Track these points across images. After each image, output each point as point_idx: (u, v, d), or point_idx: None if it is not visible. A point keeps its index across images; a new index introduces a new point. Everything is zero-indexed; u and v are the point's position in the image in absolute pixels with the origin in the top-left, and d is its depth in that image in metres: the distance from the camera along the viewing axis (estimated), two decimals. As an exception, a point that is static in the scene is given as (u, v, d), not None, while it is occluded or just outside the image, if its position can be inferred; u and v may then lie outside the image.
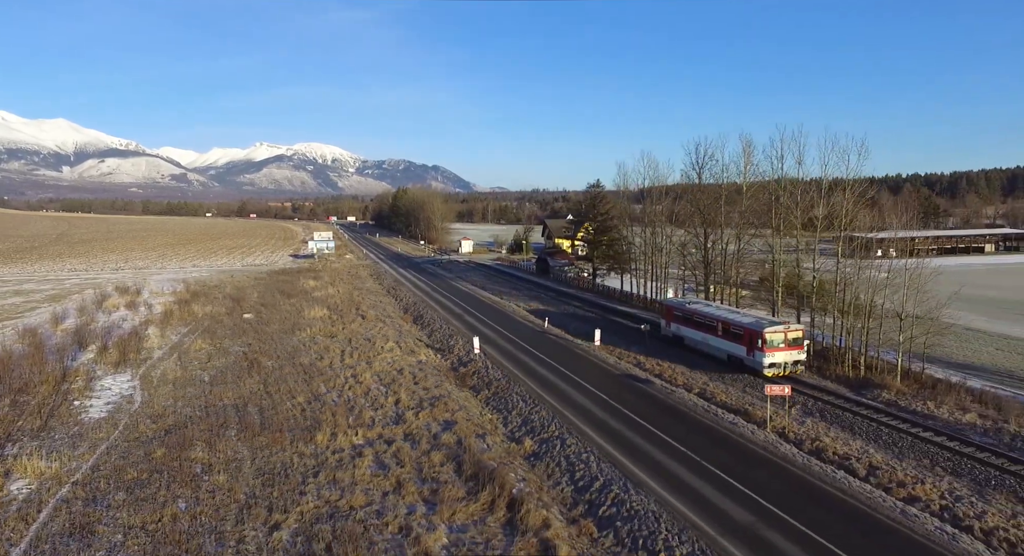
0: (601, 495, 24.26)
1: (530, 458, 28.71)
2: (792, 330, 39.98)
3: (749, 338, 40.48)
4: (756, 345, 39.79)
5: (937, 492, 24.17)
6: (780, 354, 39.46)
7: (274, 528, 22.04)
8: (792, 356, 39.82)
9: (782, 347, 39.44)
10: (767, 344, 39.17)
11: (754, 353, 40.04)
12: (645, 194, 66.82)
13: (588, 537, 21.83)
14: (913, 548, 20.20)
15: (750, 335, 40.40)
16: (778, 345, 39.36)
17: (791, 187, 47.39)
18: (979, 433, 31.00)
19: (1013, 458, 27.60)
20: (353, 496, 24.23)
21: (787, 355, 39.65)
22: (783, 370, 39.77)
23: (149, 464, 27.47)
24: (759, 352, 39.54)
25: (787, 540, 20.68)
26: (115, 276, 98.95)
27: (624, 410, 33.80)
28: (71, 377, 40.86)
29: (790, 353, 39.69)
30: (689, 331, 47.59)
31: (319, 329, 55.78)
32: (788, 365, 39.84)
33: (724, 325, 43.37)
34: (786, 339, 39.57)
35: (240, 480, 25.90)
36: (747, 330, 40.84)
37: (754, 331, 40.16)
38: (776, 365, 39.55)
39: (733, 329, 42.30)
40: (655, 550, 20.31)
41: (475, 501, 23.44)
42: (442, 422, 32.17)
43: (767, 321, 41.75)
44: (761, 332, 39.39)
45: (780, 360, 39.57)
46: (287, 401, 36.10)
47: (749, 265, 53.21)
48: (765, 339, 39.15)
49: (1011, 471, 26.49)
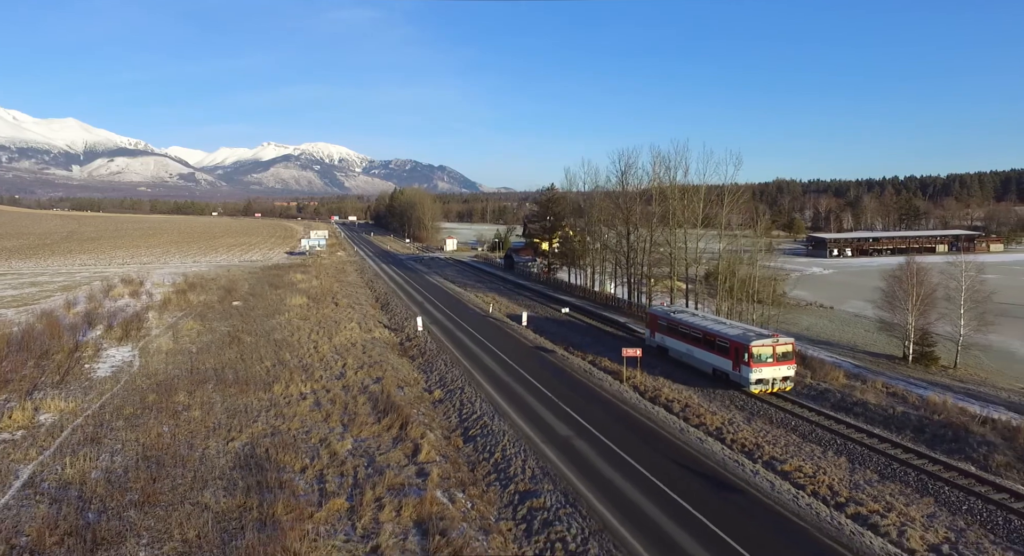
0: (474, 423, 32.83)
1: (436, 403, 37.31)
2: (781, 344, 37.45)
3: (735, 351, 38.05)
4: (742, 359, 37.37)
5: (720, 420, 32.65)
6: (768, 369, 36.94)
7: (230, 441, 30.64)
8: (780, 371, 37.23)
9: (770, 362, 36.95)
10: (754, 358, 36.75)
11: (740, 367, 37.64)
12: (585, 198, 75.39)
13: (455, 446, 30.43)
14: (669, 447, 28.67)
15: (736, 348, 38.00)
16: (766, 359, 36.91)
17: (680, 192, 55.65)
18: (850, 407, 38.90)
19: (796, 401, 35.98)
20: (291, 422, 32.84)
21: (775, 370, 37.06)
22: (771, 386, 37.20)
23: (143, 405, 36.09)
24: (745, 367, 37.11)
25: (588, 445, 29.23)
26: (121, 270, 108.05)
27: (521, 371, 42.45)
28: (82, 348, 49.58)
29: (778, 368, 37.10)
30: (673, 342, 45.06)
31: (296, 314, 64.46)
32: (776, 381, 37.24)
33: (709, 337, 40.87)
34: (774, 353, 37.07)
35: (210, 415, 34.47)
36: (733, 343, 38.39)
37: (740, 344, 37.66)
38: (763, 381, 37.04)
39: (719, 341, 39.80)
40: (494, 452, 28.86)
41: (378, 424, 32.08)
42: (374, 378, 40.79)
43: (754, 334, 39.05)
44: (747, 346, 36.95)
45: (768, 376, 37.01)
46: (257, 365, 44.70)
47: (657, 259, 61.48)
48: (752, 353, 36.76)
49: (784, 409, 34.97)
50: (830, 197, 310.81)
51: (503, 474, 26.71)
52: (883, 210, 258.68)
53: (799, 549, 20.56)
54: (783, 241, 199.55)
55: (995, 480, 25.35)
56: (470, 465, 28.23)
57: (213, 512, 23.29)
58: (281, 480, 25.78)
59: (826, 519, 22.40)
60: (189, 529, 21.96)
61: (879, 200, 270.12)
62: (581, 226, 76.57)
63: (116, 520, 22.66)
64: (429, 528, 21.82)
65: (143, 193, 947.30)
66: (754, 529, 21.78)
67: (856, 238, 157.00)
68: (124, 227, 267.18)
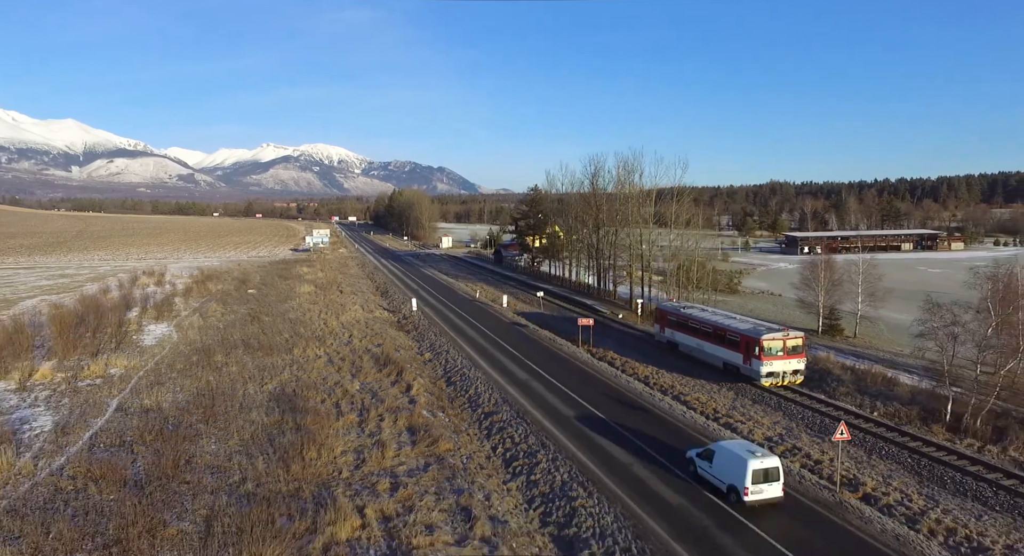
0: (455, 373, 41.72)
1: (425, 362, 46.13)
2: (791, 337, 38.06)
3: (746, 345, 38.48)
4: (753, 353, 37.67)
5: (648, 371, 41.64)
6: (778, 362, 37.36)
7: (264, 385, 39.43)
8: (791, 365, 37.64)
9: (780, 355, 37.34)
10: (765, 352, 37.09)
11: (751, 361, 37.93)
12: (562, 198, 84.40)
13: (439, 387, 39.33)
14: (603, 386, 37.55)
15: (747, 342, 38.41)
16: (776, 353, 37.29)
17: (635, 194, 64.56)
18: None
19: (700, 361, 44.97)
20: (311, 373, 41.65)
21: (785, 364, 37.47)
22: (781, 379, 37.55)
23: (188, 363, 44.86)
24: (756, 360, 37.41)
25: (540, 385, 38.15)
26: (140, 264, 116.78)
27: (497, 339, 51.39)
28: (126, 324, 58.32)
29: (788, 362, 37.55)
30: (683, 337, 45.65)
31: (306, 299, 73.25)
32: (787, 374, 37.64)
33: (720, 331, 41.38)
34: (785, 347, 37.53)
35: (245, 370, 43.21)
36: (744, 337, 38.83)
37: (751, 338, 38.10)
38: (774, 374, 37.38)
39: (729, 336, 40.29)
40: (468, 390, 37.74)
41: (379, 373, 40.95)
42: (376, 344, 49.65)
43: (764, 328, 39.59)
44: (759, 339, 37.37)
45: (778, 369, 37.39)
46: (277, 336, 53.45)
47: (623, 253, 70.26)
48: (763, 347, 37.13)
49: (696, 360, 43.91)
50: (816, 199, 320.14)
51: (473, 402, 35.61)
52: (866, 211, 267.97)
53: (675, 435, 29.37)
54: (764, 240, 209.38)
55: (829, 400, 34.83)
56: (449, 398, 37.16)
57: (259, 424, 32.07)
58: (307, 406, 34.55)
59: (701, 424, 31.38)
60: (244, 433, 30.77)
61: (862, 202, 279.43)
62: (559, 224, 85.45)
63: (190, 428, 31.41)
64: (416, 430, 30.67)
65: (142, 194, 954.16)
66: (650, 427, 30.65)
67: (827, 237, 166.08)
68: (130, 227, 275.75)
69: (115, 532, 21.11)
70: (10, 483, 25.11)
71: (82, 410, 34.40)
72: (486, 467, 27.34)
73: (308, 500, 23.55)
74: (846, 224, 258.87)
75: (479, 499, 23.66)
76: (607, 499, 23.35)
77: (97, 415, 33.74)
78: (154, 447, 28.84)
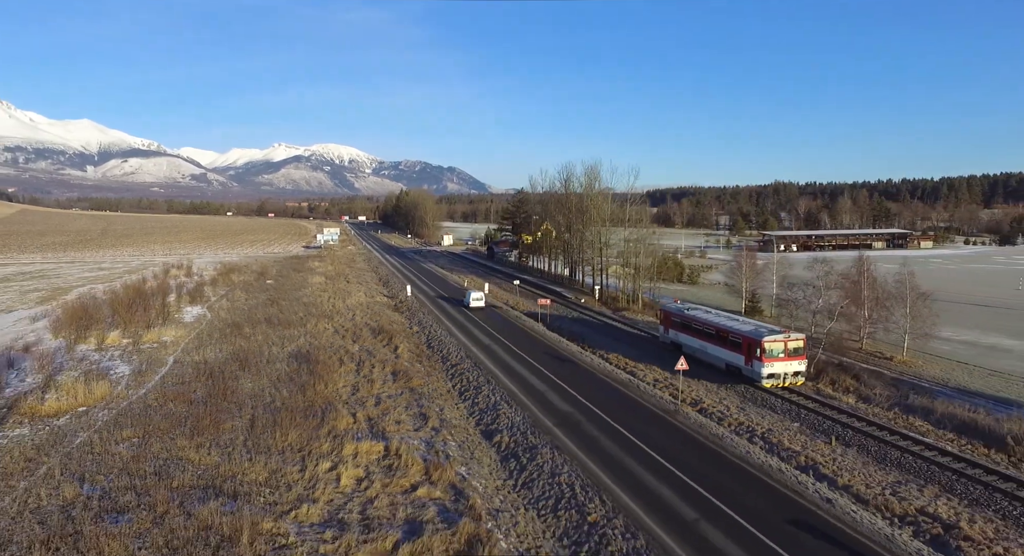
0: (435, 340, 52.78)
1: (413, 333, 57.20)
2: (792, 339, 38.73)
3: (748, 347, 39.16)
4: (754, 354, 38.31)
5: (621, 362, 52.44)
6: (779, 364, 37.97)
7: (284, 347, 50.57)
8: (792, 367, 38.31)
9: (782, 357, 37.98)
10: (766, 354, 37.76)
11: (752, 363, 38.62)
12: (542, 200, 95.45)
13: (420, 349, 50.36)
14: (542, 345, 48.45)
15: (748, 344, 39.09)
16: (777, 355, 37.93)
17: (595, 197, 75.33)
18: (650, 326, 58.97)
19: (650, 336, 55.61)
20: (321, 340, 52.76)
21: (786, 365, 38.16)
22: (782, 381, 38.26)
23: (223, 334, 56.05)
24: (757, 362, 38.10)
25: (498, 346, 49.10)
26: (167, 259, 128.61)
27: (473, 316, 62.48)
28: (168, 306, 69.64)
29: (790, 363, 38.14)
30: (687, 338, 46.68)
31: (317, 288, 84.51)
32: (788, 375, 38.30)
33: (722, 333, 42.20)
34: (786, 349, 38.17)
35: (268, 338, 54.32)
36: (745, 339, 39.54)
37: (752, 340, 38.79)
38: (775, 375, 38.09)
39: (731, 337, 41.09)
40: (443, 351, 48.76)
41: (375, 339, 52.08)
42: (374, 320, 60.77)
43: (766, 330, 40.36)
44: (760, 341, 38.04)
45: (779, 371, 38.06)
46: (293, 315, 64.60)
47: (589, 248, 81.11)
48: (764, 348, 37.78)
49: (649, 338, 54.62)
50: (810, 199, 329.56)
51: (445, 358, 46.70)
52: (858, 211, 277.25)
53: (589, 378, 40.17)
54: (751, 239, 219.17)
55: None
56: (427, 356, 48.23)
57: (282, 370, 43.17)
58: (317, 359, 45.57)
59: (613, 370, 42.33)
60: (271, 375, 41.86)
61: (854, 202, 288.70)
62: (540, 223, 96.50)
63: (231, 374, 42.48)
64: (398, 373, 41.69)
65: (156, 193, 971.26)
66: (563, 367, 41.55)
67: (802, 235, 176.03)
68: (149, 225, 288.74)
69: (192, 424, 32.16)
70: (114, 402, 36.32)
71: (149, 362, 45.65)
72: (444, 395, 38.41)
73: (318, 410, 34.54)
74: (838, 224, 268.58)
75: (435, 410, 34.66)
76: (517, 405, 34.41)
77: (160, 366, 44.96)
78: (207, 383, 39.93)
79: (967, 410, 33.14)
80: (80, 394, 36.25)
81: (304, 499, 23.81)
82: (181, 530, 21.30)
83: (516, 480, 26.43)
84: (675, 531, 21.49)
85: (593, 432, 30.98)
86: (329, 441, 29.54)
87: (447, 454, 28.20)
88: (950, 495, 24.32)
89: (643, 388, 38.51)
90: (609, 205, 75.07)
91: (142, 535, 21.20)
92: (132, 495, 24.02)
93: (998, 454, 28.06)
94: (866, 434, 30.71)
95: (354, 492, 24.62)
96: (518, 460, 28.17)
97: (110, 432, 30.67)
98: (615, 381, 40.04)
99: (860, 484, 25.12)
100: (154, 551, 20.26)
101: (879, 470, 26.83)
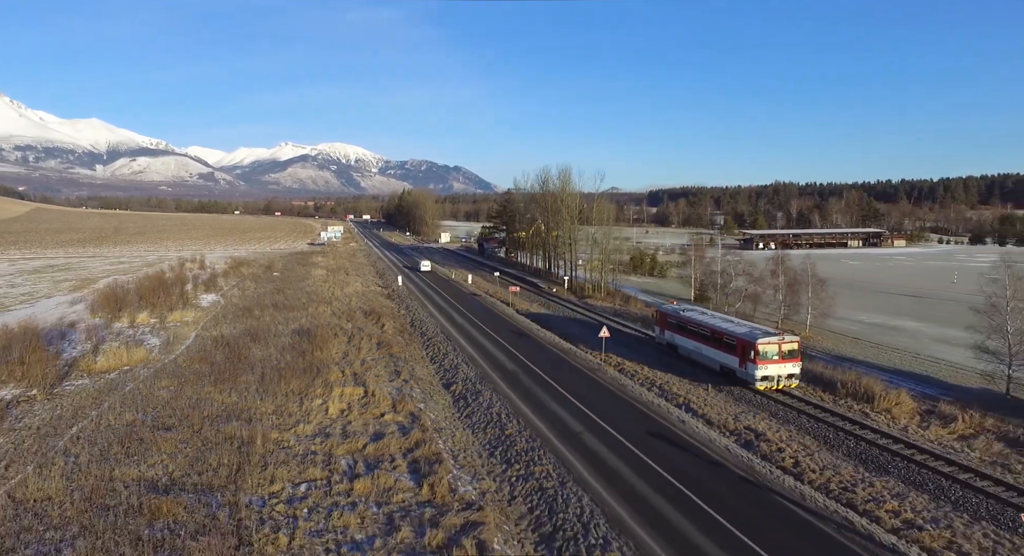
0: (418, 320, 61.49)
1: (399, 316, 65.91)
2: (787, 342, 38.87)
3: (742, 349, 39.26)
4: (748, 356, 38.46)
5: (595, 353, 61.09)
6: (773, 366, 38.01)
7: (289, 325, 59.29)
8: (786, 369, 38.36)
9: (776, 359, 38.05)
10: (760, 356, 37.89)
11: (746, 365, 38.74)
12: (524, 200, 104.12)
13: (405, 328, 59.08)
14: (510, 325, 57.09)
15: (743, 346, 39.21)
16: (772, 357, 38.02)
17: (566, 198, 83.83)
18: (610, 312, 67.51)
19: (602, 319, 64.16)
20: (320, 320, 61.46)
21: (780, 368, 38.18)
22: (776, 383, 38.25)
23: (236, 315, 64.86)
24: (751, 364, 38.20)
25: (471, 327, 57.77)
26: (180, 254, 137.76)
27: (455, 303, 71.14)
28: (186, 293, 78.63)
29: (784, 366, 38.26)
30: (682, 339, 46.91)
31: (319, 279, 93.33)
32: (782, 378, 38.32)
33: (717, 334, 42.25)
34: (780, 351, 38.22)
35: (275, 318, 63.01)
36: (740, 340, 39.65)
37: (747, 342, 38.91)
38: (769, 378, 38.07)
39: (726, 339, 41.17)
40: (423, 329, 57.47)
41: (366, 319, 60.86)
42: (367, 305, 69.53)
43: (760, 332, 40.42)
44: (754, 343, 38.17)
45: (773, 373, 38.09)
46: (296, 301, 73.40)
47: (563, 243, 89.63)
48: (758, 350, 37.90)
49: (599, 322, 63.20)
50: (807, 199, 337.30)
51: (423, 334, 55.43)
52: (848, 211, 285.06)
53: (538, 348, 48.67)
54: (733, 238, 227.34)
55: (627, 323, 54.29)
56: (409, 333, 56.97)
57: (286, 342, 51.91)
58: (316, 333, 54.21)
59: (559, 341, 50.95)
60: (277, 345, 50.60)
61: (844, 202, 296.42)
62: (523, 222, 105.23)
63: (244, 345, 51.22)
64: (382, 344, 50.36)
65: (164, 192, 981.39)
66: (522, 341, 50.12)
67: (781, 234, 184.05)
68: (159, 223, 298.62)
69: (214, 377, 40.87)
70: (151, 363, 45.16)
71: (175, 336, 54.46)
72: (418, 359, 47.16)
73: (314, 369, 43.23)
74: (828, 223, 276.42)
75: (408, 369, 43.39)
76: (474, 365, 43.15)
77: (184, 339, 53.76)
78: (225, 351, 48.69)
79: (826, 367, 41.64)
80: (124, 357, 45.16)
81: (301, 421, 32.54)
82: (213, 437, 30.10)
83: (461, 412, 35.15)
84: (564, 438, 30.18)
85: (527, 382, 39.71)
86: (322, 388, 38.28)
87: (411, 396, 36.94)
88: (772, 419, 33.03)
89: (579, 354, 47.14)
90: (578, 204, 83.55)
91: (186, 440, 29.95)
92: (175, 419, 32.77)
93: (828, 395, 36.74)
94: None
95: (338, 417, 33.35)
96: (465, 400, 36.89)
97: (152, 382, 39.47)
98: (559, 349, 48.77)
99: (713, 413, 33.81)
100: (195, 448, 29.01)
101: (732, 405, 35.59)
